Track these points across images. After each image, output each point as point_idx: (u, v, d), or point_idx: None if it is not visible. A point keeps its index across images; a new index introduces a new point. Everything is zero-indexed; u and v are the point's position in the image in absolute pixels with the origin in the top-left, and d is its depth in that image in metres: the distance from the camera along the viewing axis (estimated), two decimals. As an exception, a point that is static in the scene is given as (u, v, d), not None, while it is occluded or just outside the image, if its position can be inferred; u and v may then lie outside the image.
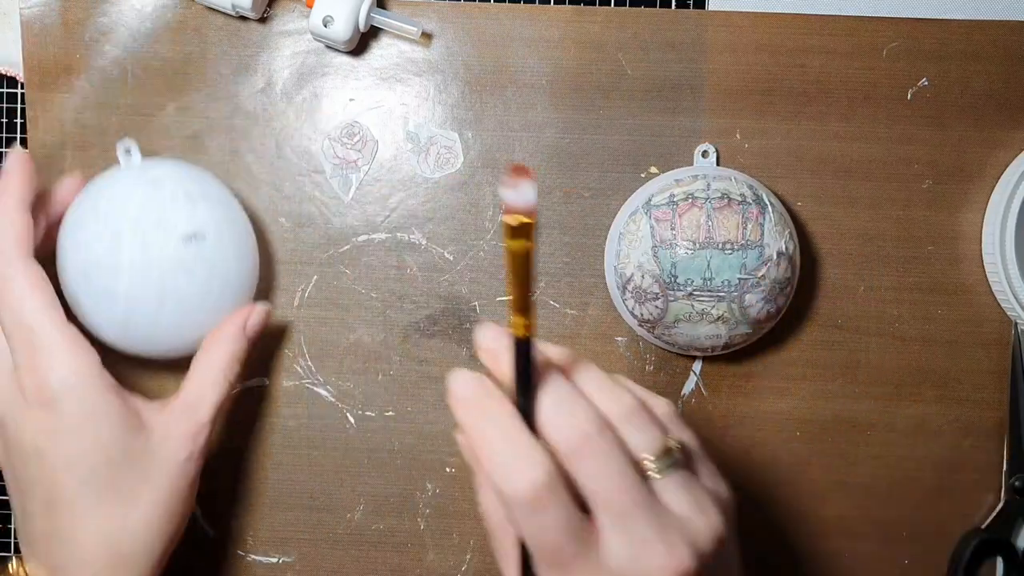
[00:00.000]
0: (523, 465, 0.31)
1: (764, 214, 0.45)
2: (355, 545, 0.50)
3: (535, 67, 0.49)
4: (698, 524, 0.32)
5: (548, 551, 0.31)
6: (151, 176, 0.44)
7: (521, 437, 0.32)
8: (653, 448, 0.33)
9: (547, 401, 0.32)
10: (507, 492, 0.31)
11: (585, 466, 0.32)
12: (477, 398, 0.33)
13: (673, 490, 0.33)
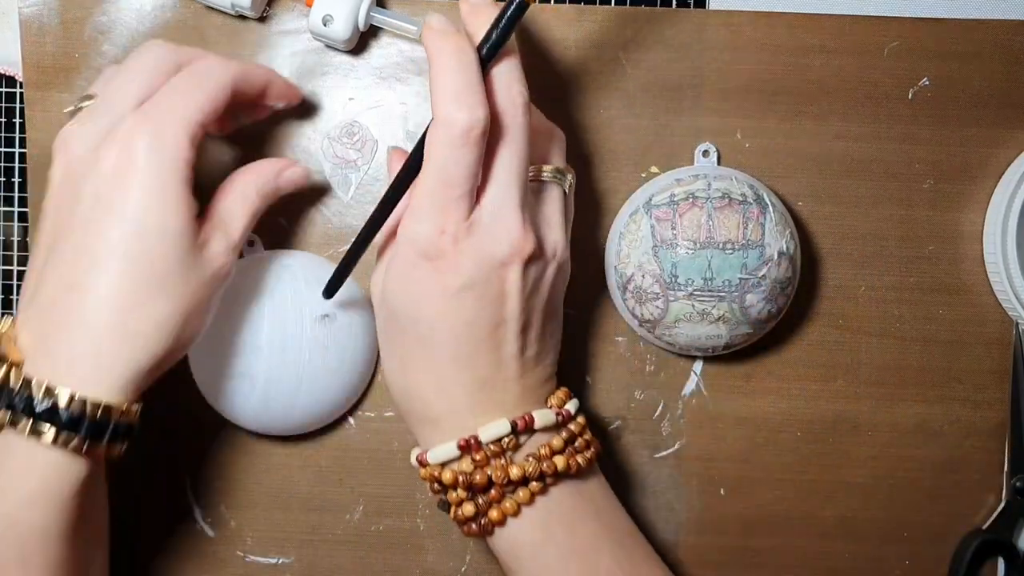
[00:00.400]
0: (471, 101, 0.36)
1: (765, 214, 0.45)
2: (355, 545, 0.50)
3: (535, 67, 0.49)
4: (552, 235, 0.40)
5: (447, 181, 0.37)
6: (282, 263, 0.46)
7: (475, 80, 0.36)
8: (556, 163, 0.42)
9: (503, 66, 0.38)
10: (444, 117, 0.36)
11: (502, 137, 0.37)
12: (451, 33, 0.37)
13: (554, 197, 0.41)
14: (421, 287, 0.38)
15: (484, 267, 0.38)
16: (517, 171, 0.38)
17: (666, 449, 0.50)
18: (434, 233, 0.37)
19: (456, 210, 0.37)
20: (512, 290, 0.38)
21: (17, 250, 0.50)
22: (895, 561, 0.50)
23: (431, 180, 0.37)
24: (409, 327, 0.39)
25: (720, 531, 0.50)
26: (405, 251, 0.38)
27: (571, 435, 0.41)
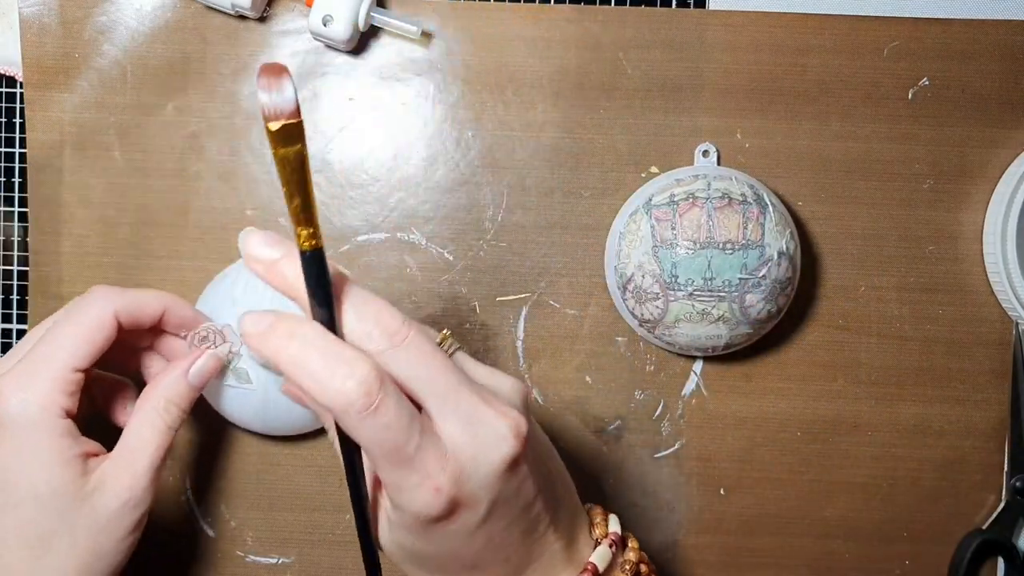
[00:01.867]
0: (346, 370, 0.30)
1: (765, 214, 0.45)
2: (355, 545, 0.50)
3: (535, 67, 0.49)
4: (505, 385, 0.35)
5: (392, 449, 0.31)
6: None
7: (334, 346, 0.31)
8: (435, 336, 0.35)
9: (350, 307, 0.32)
10: (338, 403, 0.30)
11: (404, 358, 0.32)
12: (274, 326, 0.32)
13: (471, 365, 0.35)
14: (449, 538, 0.34)
15: (498, 481, 0.33)
16: (445, 370, 0.33)
17: (666, 449, 0.50)
18: (431, 496, 0.32)
19: (426, 458, 0.32)
20: (526, 477, 0.34)
21: (17, 250, 0.50)
22: (895, 561, 0.50)
23: (377, 457, 0.32)
24: (448, 566, 0.36)
25: (720, 531, 0.50)
26: (414, 523, 0.33)
27: (634, 566, 0.38)
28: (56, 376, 0.38)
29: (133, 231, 0.50)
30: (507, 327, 0.50)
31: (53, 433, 0.38)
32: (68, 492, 0.38)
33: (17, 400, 0.38)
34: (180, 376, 0.41)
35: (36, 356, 0.39)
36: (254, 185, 0.50)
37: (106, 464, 0.39)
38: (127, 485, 0.39)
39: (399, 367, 0.32)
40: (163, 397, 0.41)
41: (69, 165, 0.49)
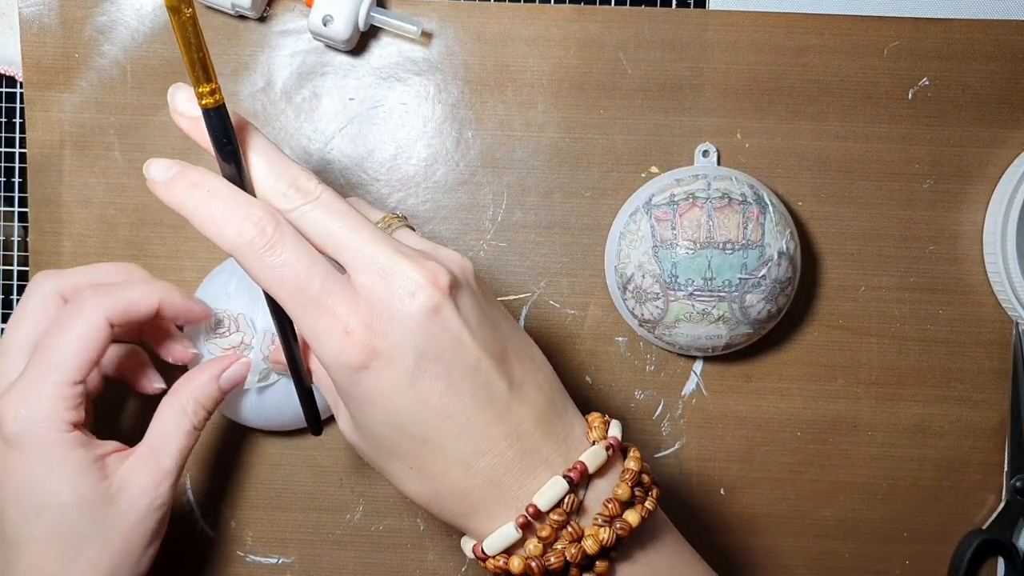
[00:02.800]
0: (242, 213, 0.32)
1: (765, 214, 0.45)
2: (355, 545, 0.50)
3: (535, 67, 0.49)
4: (443, 254, 0.34)
5: (295, 289, 0.32)
6: None
7: (234, 193, 0.32)
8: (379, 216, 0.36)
9: (261, 165, 0.33)
10: (237, 245, 0.32)
11: (318, 217, 0.32)
12: (179, 175, 0.33)
13: (413, 240, 0.35)
14: (380, 397, 0.33)
15: (419, 330, 0.32)
16: (359, 226, 0.33)
17: (666, 449, 0.50)
18: (341, 341, 0.32)
19: (335, 301, 0.32)
20: (457, 328, 0.32)
21: (17, 250, 0.50)
22: (895, 561, 0.50)
23: (285, 301, 0.32)
24: (398, 441, 0.33)
25: (720, 531, 0.50)
26: (340, 377, 0.33)
27: (633, 475, 0.34)
28: (56, 393, 0.38)
29: (133, 231, 0.50)
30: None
31: (63, 445, 0.38)
32: (92, 496, 0.38)
33: (21, 421, 0.37)
34: (212, 379, 0.41)
35: (33, 373, 0.38)
36: (254, 185, 0.50)
37: (130, 461, 0.39)
38: (152, 484, 0.39)
39: (313, 225, 0.32)
40: (192, 398, 0.40)
41: (69, 165, 0.49)
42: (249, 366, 0.43)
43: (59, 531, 0.38)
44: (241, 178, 0.33)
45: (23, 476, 0.38)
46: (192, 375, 0.41)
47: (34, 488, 0.38)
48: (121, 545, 0.39)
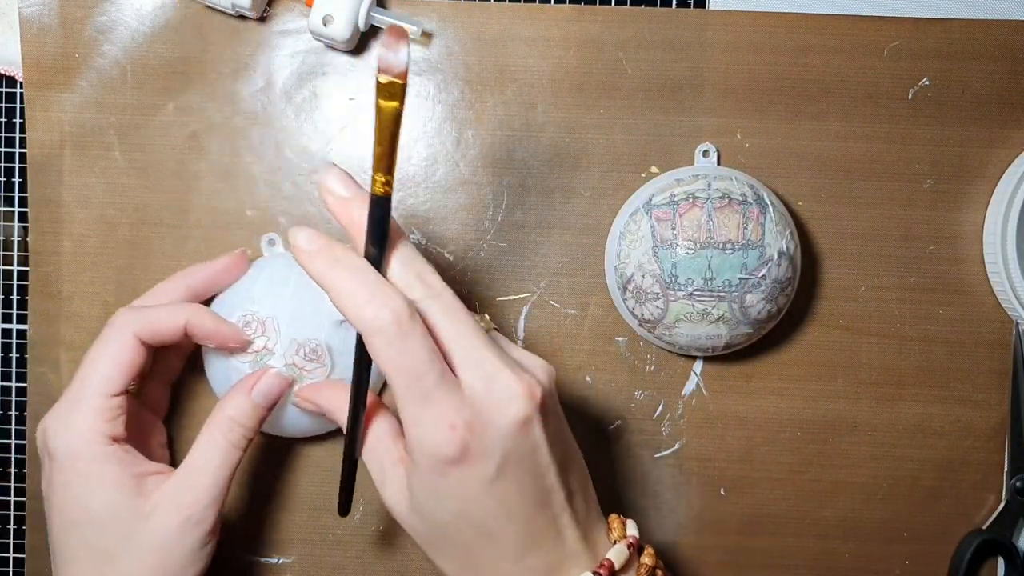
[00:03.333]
0: (383, 299, 0.34)
1: (765, 214, 0.45)
2: (355, 545, 0.50)
3: (535, 67, 0.49)
4: (533, 362, 0.38)
5: (413, 377, 0.34)
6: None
7: (377, 278, 0.35)
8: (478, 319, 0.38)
9: (398, 256, 0.36)
10: (371, 326, 0.34)
11: (438, 309, 0.35)
12: (324, 249, 0.36)
13: (504, 343, 0.39)
14: (460, 491, 0.36)
15: (510, 437, 0.35)
16: (472, 330, 0.36)
17: (666, 449, 0.50)
18: (445, 434, 0.35)
19: (445, 397, 0.35)
20: (539, 440, 0.36)
21: (17, 250, 0.50)
22: (895, 561, 0.50)
23: (400, 385, 0.35)
24: (461, 532, 0.37)
25: (720, 531, 0.50)
26: (427, 464, 0.35)
27: (649, 570, 0.39)
28: (92, 406, 0.40)
29: (133, 231, 0.50)
30: (507, 327, 0.50)
31: (101, 461, 0.40)
32: (125, 513, 0.39)
33: (61, 435, 0.40)
34: (243, 395, 0.42)
35: (72, 390, 0.41)
36: (254, 185, 0.50)
37: (167, 483, 0.40)
38: (187, 503, 0.40)
39: (432, 316, 0.35)
40: (227, 416, 0.42)
41: (69, 165, 0.49)
42: (281, 379, 0.43)
43: (94, 545, 0.39)
44: (380, 263, 0.36)
45: (63, 490, 0.40)
46: (227, 394, 0.43)
47: (73, 501, 0.39)
48: (155, 563, 0.40)
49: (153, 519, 0.40)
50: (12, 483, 0.51)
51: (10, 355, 0.50)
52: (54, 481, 0.40)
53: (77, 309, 0.50)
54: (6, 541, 0.51)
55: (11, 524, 0.51)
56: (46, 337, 0.50)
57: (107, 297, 0.50)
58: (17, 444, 0.51)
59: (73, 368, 0.49)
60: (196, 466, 0.41)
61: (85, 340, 0.50)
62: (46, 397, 0.50)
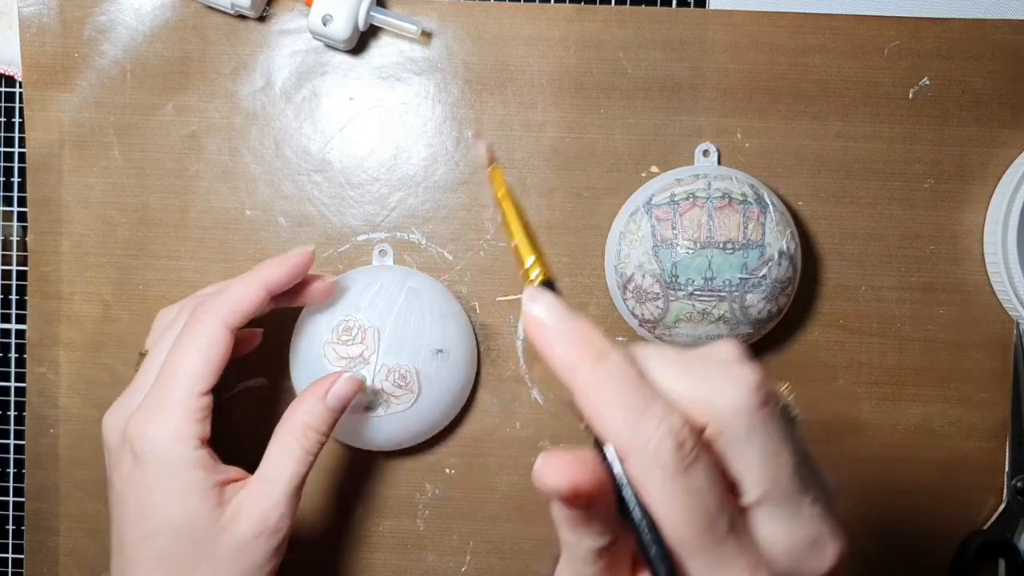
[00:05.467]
0: (655, 414, 0.25)
1: (765, 213, 0.45)
2: (355, 545, 0.50)
3: (535, 66, 0.49)
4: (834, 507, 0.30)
5: (702, 524, 0.25)
6: (411, 285, 0.46)
7: (642, 384, 0.26)
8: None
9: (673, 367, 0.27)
10: (643, 452, 0.25)
11: (736, 435, 0.26)
12: (579, 334, 0.26)
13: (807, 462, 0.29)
14: None
15: None
16: (783, 458, 0.26)
17: (666, 449, 0.50)
18: None
19: (738, 553, 0.26)
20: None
21: (17, 250, 0.50)
22: (896, 562, 0.50)
23: (688, 532, 0.25)
24: None
25: (720, 531, 0.50)
26: None
27: None
28: (184, 407, 0.39)
29: (133, 231, 0.50)
30: (507, 327, 0.50)
31: (188, 465, 0.38)
32: (205, 523, 0.38)
33: (150, 436, 0.38)
34: (318, 401, 0.41)
35: (161, 388, 0.39)
36: (254, 185, 0.49)
37: (243, 493, 0.39)
38: (263, 515, 0.39)
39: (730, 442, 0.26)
40: (301, 422, 0.40)
41: (68, 165, 0.49)
42: (355, 382, 0.42)
43: (170, 555, 0.39)
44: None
45: (147, 493, 0.39)
46: (299, 399, 0.41)
47: (155, 508, 0.38)
48: (231, 573, 0.39)
49: (231, 530, 0.39)
50: (12, 483, 0.51)
51: (9, 355, 0.50)
52: (136, 482, 0.39)
53: (76, 309, 0.50)
54: (5, 541, 0.51)
55: (11, 524, 0.51)
56: (45, 337, 0.50)
57: (107, 297, 0.50)
58: (16, 444, 0.51)
59: (72, 368, 0.49)
60: (271, 475, 0.40)
61: (84, 340, 0.50)
62: (45, 397, 0.50)
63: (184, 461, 0.38)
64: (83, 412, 0.50)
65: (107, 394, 0.50)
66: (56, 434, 0.50)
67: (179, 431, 0.38)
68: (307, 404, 0.41)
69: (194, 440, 0.39)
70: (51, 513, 0.50)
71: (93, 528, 0.50)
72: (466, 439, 0.50)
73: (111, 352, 0.50)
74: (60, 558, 0.50)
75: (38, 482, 0.50)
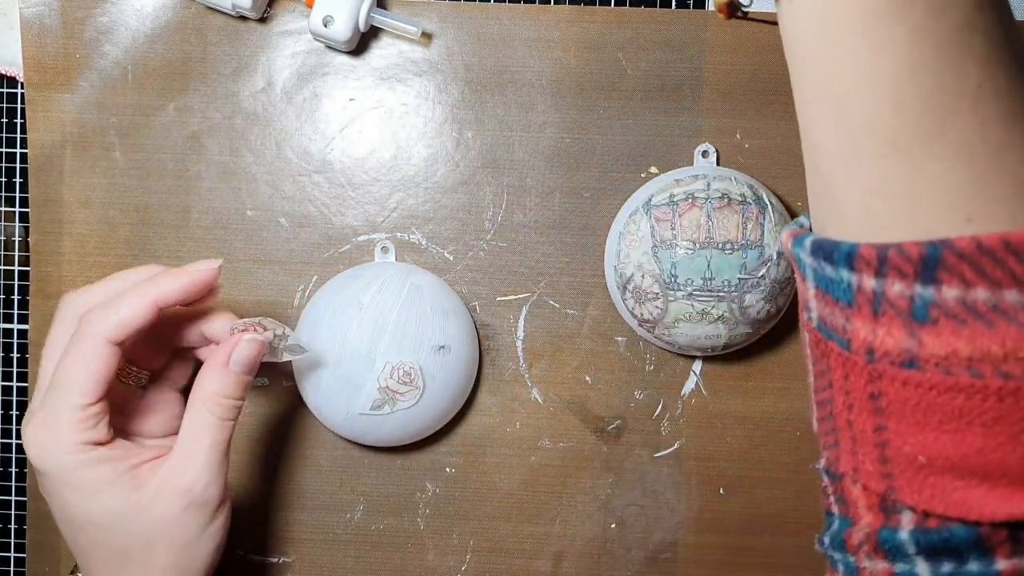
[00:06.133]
0: None
1: (764, 214, 0.45)
2: (355, 545, 0.50)
3: (535, 67, 0.49)
4: None
5: None
6: (413, 282, 0.46)
7: None
8: None
9: None
10: None
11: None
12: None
13: None
14: None
15: None
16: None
17: (666, 449, 0.50)
18: None
19: None
20: None
21: (18, 250, 0.50)
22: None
23: None
24: None
25: (720, 530, 0.50)
26: None
27: None
28: (70, 420, 0.38)
29: (134, 231, 0.50)
30: (507, 327, 0.50)
31: (88, 466, 0.38)
32: (126, 508, 0.39)
33: (44, 450, 0.38)
34: (221, 367, 0.41)
35: (49, 401, 0.39)
36: (255, 186, 0.50)
37: (163, 469, 0.40)
38: (186, 488, 0.39)
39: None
40: (209, 390, 0.40)
41: (70, 165, 0.49)
42: (256, 344, 0.41)
43: (102, 544, 0.39)
44: None
45: (59, 500, 0.39)
46: (203, 368, 0.41)
47: (69, 509, 0.39)
48: (167, 550, 0.39)
49: (154, 509, 0.39)
50: (13, 483, 0.51)
51: (10, 355, 0.51)
52: (48, 490, 0.39)
53: (78, 309, 0.50)
54: (7, 540, 0.51)
55: (11, 524, 0.51)
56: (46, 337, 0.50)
57: (108, 297, 0.50)
58: (17, 444, 0.51)
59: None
60: (187, 448, 0.40)
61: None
62: (47, 397, 0.50)
63: (83, 463, 0.38)
64: (85, 412, 0.50)
65: (108, 394, 0.50)
66: (58, 434, 0.50)
67: (69, 442, 0.38)
68: (212, 372, 0.41)
69: (87, 446, 0.39)
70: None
71: (95, 527, 0.50)
72: (466, 438, 0.50)
73: (112, 352, 0.50)
74: (62, 556, 0.50)
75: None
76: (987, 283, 0.22)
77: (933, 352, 0.23)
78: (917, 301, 0.23)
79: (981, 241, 0.22)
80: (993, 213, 0.23)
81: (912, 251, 0.23)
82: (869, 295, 0.24)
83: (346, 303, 0.45)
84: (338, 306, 0.45)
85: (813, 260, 0.26)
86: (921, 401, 0.24)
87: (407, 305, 0.45)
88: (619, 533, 0.50)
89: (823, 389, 0.27)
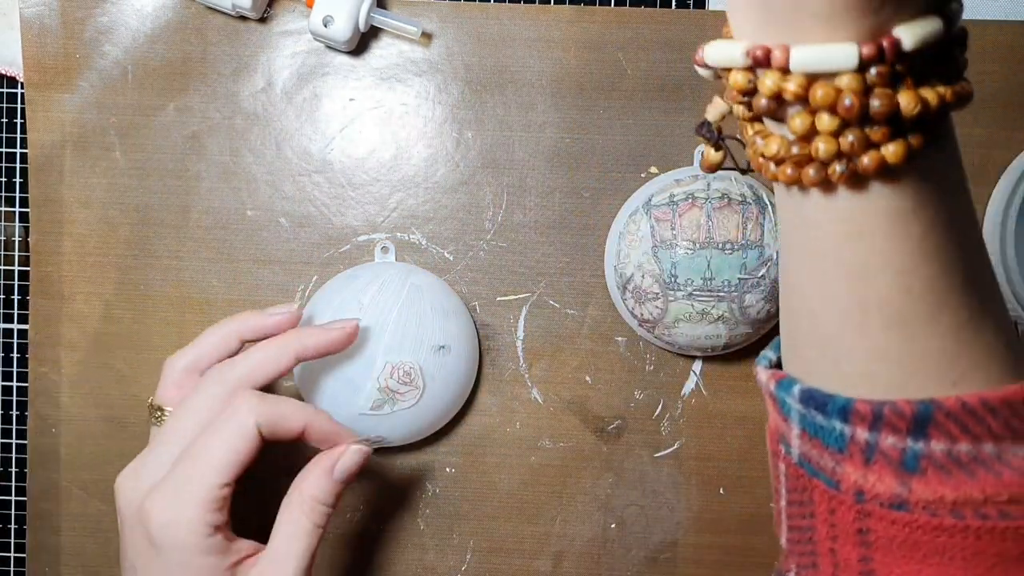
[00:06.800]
0: None
1: (764, 214, 0.45)
2: (355, 545, 0.50)
3: (535, 67, 0.49)
4: None
5: None
6: (413, 282, 0.46)
7: None
8: None
9: None
10: None
11: None
12: None
13: None
14: None
15: None
16: None
17: (666, 449, 0.50)
18: None
19: None
20: None
21: (18, 250, 0.50)
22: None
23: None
24: None
25: (720, 530, 0.50)
26: None
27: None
28: (204, 496, 0.38)
29: (134, 231, 0.50)
30: (507, 327, 0.50)
31: (202, 553, 0.38)
32: None
33: (166, 522, 0.38)
34: (325, 474, 0.41)
35: (182, 474, 0.38)
36: (255, 185, 0.50)
37: (256, 570, 0.39)
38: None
39: None
40: (309, 496, 0.40)
41: (70, 165, 0.49)
42: (362, 454, 0.42)
43: None
44: None
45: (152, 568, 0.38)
46: (305, 472, 0.41)
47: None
48: None
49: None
50: (13, 483, 0.51)
51: (11, 355, 0.51)
52: (150, 562, 0.39)
53: (78, 309, 0.50)
54: (7, 541, 0.51)
55: (12, 524, 0.51)
56: (47, 337, 0.50)
57: (108, 297, 0.50)
58: (18, 444, 0.51)
59: (74, 368, 0.50)
60: (281, 552, 0.39)
61: (86, 340, 0.50)
62: (47, 397, 0.50)
63: (198, 549, 0.38)
64: (85, 412, 0.50)
65: (109, 394, 0.50)
66: (58, 434, 0.50)
67: (195, 522, 0.38)
68: (314, 478, 0.41)
69: (210, 528, 0.38)
70: (52, 512, 0.50)
71: (94, 528, 0.50)
72: (466, 438, 0.50)
73: (113, 352, 0.50)
74: (61, 557, 0.50)
75: (40, 481, 0.50)
76: (969, 437, 0.26)
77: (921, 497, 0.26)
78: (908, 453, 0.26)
79: (965, 401, 0.26)
80: (972, 376, 0.27)
81: (906, 409, 0.26)
82: (862, 445, 0.27)
83: (346, 303, 0.45)
84: (338, 306, 0.45)
85: (803, 408, 0.28)
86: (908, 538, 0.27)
87: (407, 305, 0.45)
88: (619, 533, 0.50)
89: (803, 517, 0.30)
